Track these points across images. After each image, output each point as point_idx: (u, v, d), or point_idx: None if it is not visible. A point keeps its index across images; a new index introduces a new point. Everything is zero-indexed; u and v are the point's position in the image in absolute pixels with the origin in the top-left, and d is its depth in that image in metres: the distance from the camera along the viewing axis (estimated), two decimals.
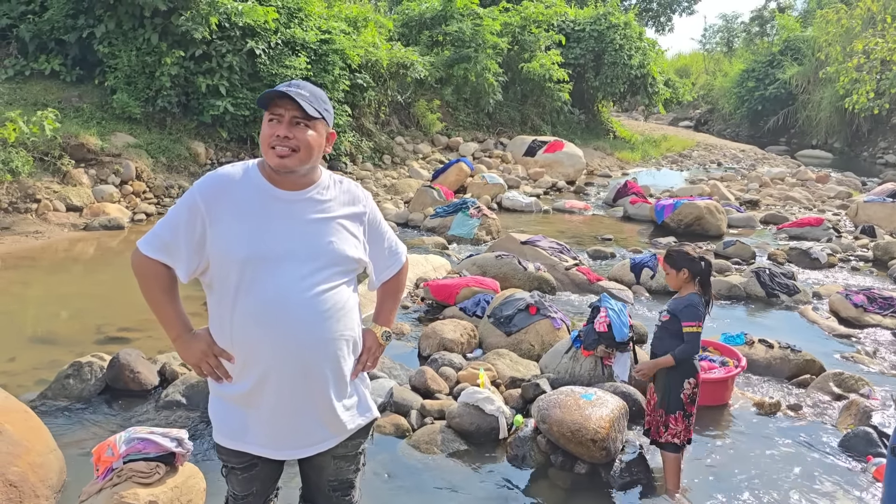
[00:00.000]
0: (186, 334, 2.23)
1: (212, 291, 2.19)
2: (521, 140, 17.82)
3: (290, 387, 2.15)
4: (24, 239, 8.74)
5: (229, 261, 2.09)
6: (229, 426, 2.24)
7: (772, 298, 7.39)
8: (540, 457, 4.07)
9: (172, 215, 2.16)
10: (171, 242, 2.13)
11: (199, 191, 2.13)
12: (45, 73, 11.82)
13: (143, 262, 2.17)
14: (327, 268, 2.17)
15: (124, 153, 10.88)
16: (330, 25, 14.14)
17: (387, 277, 2.50)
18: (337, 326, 2.19)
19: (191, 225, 2.11)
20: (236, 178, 2.16)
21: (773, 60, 32.22)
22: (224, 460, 2.31)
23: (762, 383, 5.33)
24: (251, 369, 2.15)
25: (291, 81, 2.15)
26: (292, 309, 2.11)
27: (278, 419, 2.19)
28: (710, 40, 51.50)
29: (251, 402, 2.18)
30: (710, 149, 25.55)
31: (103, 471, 3.07)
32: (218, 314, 2.18)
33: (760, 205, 13.85)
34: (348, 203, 2.27)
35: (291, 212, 2.15)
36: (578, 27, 22.96)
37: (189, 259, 2.13)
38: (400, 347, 5.82)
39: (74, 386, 4.69)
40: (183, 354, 2.26)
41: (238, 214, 2.11)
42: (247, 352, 2.15)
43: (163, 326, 2.26)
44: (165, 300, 2.21)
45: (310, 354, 2.15)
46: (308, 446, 2.26)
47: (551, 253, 7.97)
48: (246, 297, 2.10)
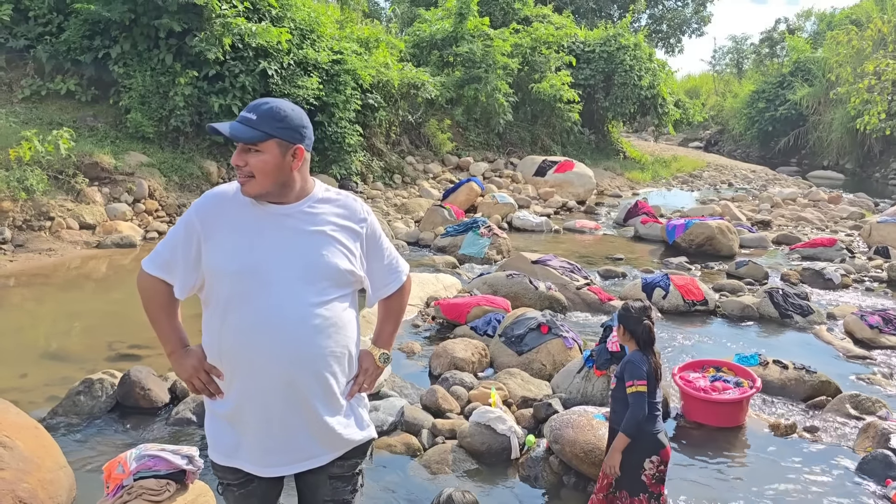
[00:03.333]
0: (180, 350, 2.26)
1: (207, 307, 2.21)
2: (531, 160, 17.86)
3: (277, 401, 2.13)
4: (37, 256, 8.79)
5: (221, 274, 2.12)
6: (222, 443, 2.23)
7: (785, 319, 7.32)
8: (552, 477, 4.03)
9: (171, 234, 2.22)
10: (171, 260, 2.19)
11: (195, 209, 2.19)
12: (61, 93, 11.96)
13: (145, 279, 2.24)
14: (318, 281, 2.15)
15: (137, 172, 10.97)
16: (342, 46, 14.27)
17: (385, 294, 2.44)
18: (327, 342, 2.15)
19: (187, 242, 2.16)
20: (230, 195, 2.19)
21: (784, 81, 32.28)
22: (220, 477, 2.30)
23: (777, 405, 5.27)
24: (239, 384, 2.14)
25: (252, 103, 2.15)
26: (281, 322, 2.09)
27: (266, 434, 2.16)
28: (719, 61, 51.79)
29: (239, 417, 2.17)
30: (720, 169, 25.51)
31: (114, 488, 3.05)
32: (209, 328, 2.19)
33: (772, 225, 13.79)
34: (344, 217, 2.25)
35: (283, 225, 2.15)
36: (588, 48, 23.09)
37: (185, 275, 2.17)
38: (411, 366, 5.79)
39: (85, 403, 4.69)
40: (176, 369, 2.28)
41: (231, 229, 2.14)
42: (233, 366, 2.14)
43: (160, 341, 2.30)
44: (163, 316, 2.27)
45: (296, 369, 2.12)
46: (298, 461, 2.22)
47: (562, 272, 7.95)
48: (235, 310, 2.10)
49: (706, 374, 5.13)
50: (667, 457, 3.27)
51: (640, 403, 3.18)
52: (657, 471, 3.25)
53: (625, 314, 3.39)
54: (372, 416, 4.41)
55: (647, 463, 3.23)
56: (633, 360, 3.27)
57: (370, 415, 4.40)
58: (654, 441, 3.24)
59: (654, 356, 3.33)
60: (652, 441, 3.24)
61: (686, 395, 4.92)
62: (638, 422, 3.19)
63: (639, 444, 3.23)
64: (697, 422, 4.85)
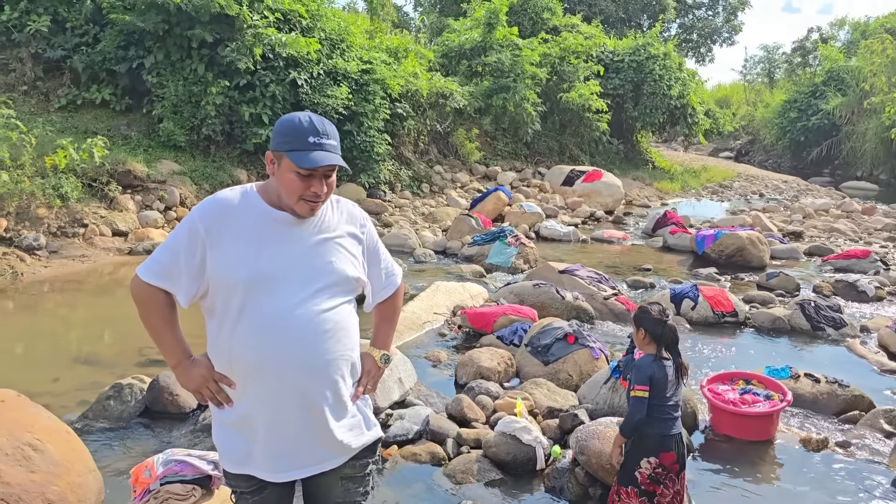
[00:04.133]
0: (186, 361, 2.22)
1: (211, 315, 2.18)
2: (559, 170, 17.81)
3: (289, 407, 2.13)
4: (71, 262, 8.96)
5: (230, 283, 2.08)
6: (233, 451, 2.22)
7: (817, 332, 7.18)
8: (578, 489, 3.99)
9: (172, 241, 2.14)
10: (172, 268, 2.11)
11: (198, 215, 2.12)
12: (96, 102, 12.21)
13: (143, 289, 2.16)
14: (328, 288, 2.17)
15: (169, 180, 11.15)
16: (371, 56, 14.39)
17: (382, 298, 2.49)
18: (337, 347, 2.18)
19: (191, 250, 2.10)
20: (235, 202, 2.15)
21: (816, 91, 31.81)
22: (233, 486, 2.29)
23: (808, 419, 5.16)
24: (249, 392, 2.14)
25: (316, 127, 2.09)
26: (292, 329, 2.10)
27: (277, 440, 2.16)
28: (750, 71, 51.22)
29: (250, 424, 2.17)
30: (751, 180, 25.20)
31: (141, 492, 3.09)
32: (217, 337, 2.16)
33: (804, 236, 13.56)
34: (347, 223, 2.29)
35: (291, 234, 2.15)
36: (617, 58, 22.99)
37: (190, 284, 2.11)
38: (436, 375, 5.79)
39: (115, 407, 4.75)
40: (183, 381, 2.24)
41: (238, 237, 2.10)
42: (244, 374, 2.13)
43: (162, 353, 2.25)
44: (165, 327, 2.21)
45: (309, 375, 2.14)
46: (308, 466, 2.22)
47: (589, 282, 7.89)
48: (246, 319, 2.09)
49: (735, 387, 5.04)
50: (667, 460, 3.27)
51: (638, 407, 3.23)
52: (653, 472, 3.27)
53: (644, 316, 3.37)
54: (397, 425, 4.43)
55: (644, 462, 3.29)
56: (640, 365, 3.31)
57: (396, 423, 4.43)
58: (657, 443, 3.27)
59: (679, 356, 3.35)
60: (654, 442, 3.28)
61: (715, 407, 4.84)
62: (633, 425, 3.27)
63: (640, 442, 3.30)
64: (726, 435, 4.77)
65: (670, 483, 3.32)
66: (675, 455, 3.30)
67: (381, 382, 4.79)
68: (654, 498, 3.31)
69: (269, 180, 2.20)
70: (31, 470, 3.27)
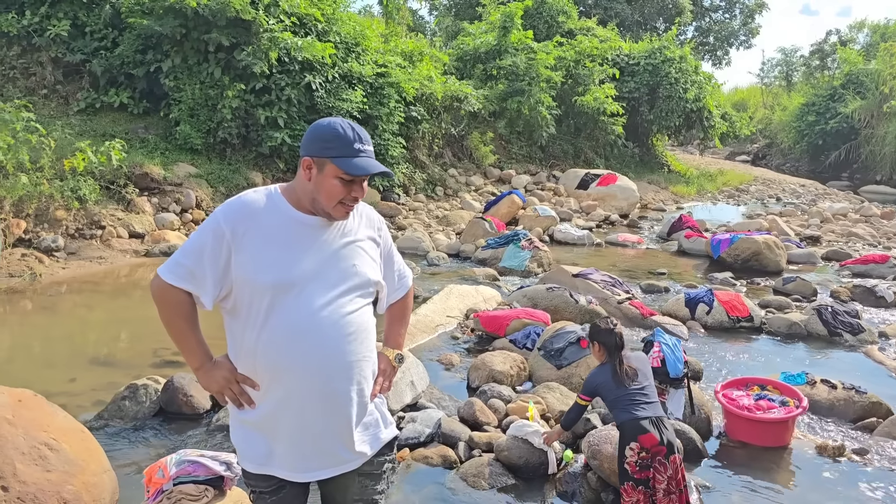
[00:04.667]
0: (208, 363, 2.22)
1: (235, 317, 2.18)
2: (573, 173, 17.76)
3: (315, 408, 2.15)
4: (88, 264, 9.05)
5: (257, 286, 2.09)
6: (254, 451, 2.22)
7: (834, 337, 7.11)
8: (590, 494, 3.97)
9: (196, 242, 2.12)
10: (196, 269, 2.10)
11: (223, 216, 2.12)
12: (115, 105, 12.35)
13: (166, 291, 2.14)
14: (351, 291, 2.20)
15: (185, 182, 11.24)
16: (386, 59, 14.45)
17: (395, 300, 2.54)
18: (360, 348, 2.21)
19: (216, 251, 2.09)
20: (261, 204, 2.16)
21: (835, 94, 31.50)
22: (252, 486, 2.29)
23: (824, 425, 5.11)
24: (274, 392, 2.15)
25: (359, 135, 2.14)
26: (320, 332, 2.12)
27: (301, 441, 2.18)
28: (768, 74, 50.79)
29: (273, 424, 2.18)
30: (768, 183, 25.00)
31: (154, 492, 3.11)
32: (241, 339, 2.17)
33: (822, 241, 13.43)
34: (367, 227, 2.32)
35: (317, 237, 2.17)
36: (633, 61, 22.92)
37: (214, 286, 2.11)
38: (449, 378, 5.79)
39: (130, 408, 4.80)
40: (205, 383, 2.24)
41: (265, 240, 2.11)
42: (271, 375, 2.14)
43: (184, 356, 2.25)
44: (188, 329, 2.20)
45: (335, 376, 2.16)
46: (331, 467, 2.24)
47: (603, 286, 7.86)
48: (273, 321, 2.10)
49: (750, 392, 5.00)
50: (648, 443, 3.44)
51: (574, 411, 3.85)
52: (639, 457, 3.44)
53: (596, 331, 3.83)
54: (409, 428, 4.44)
55: (628, 451, 3.47)
56: (589, 377, 3.84)
57: (408, 426, 4.43)
58: (632, 428, 3.49)
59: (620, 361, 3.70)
60: (629, 428, 3.51)
61: (729, 413, 4.80)
62: (566, 426, 3.92)
63: (621, 435, 3.57)
64: (741, 441, 4.74)
65: (661, 468, 3.43)
66: (657, 437, 3.46)
67: (394, 385, 4.80)
68: (650, 483, 3.44)
69: (294, 183, 2.20)
70: (46, 469, 3.31)
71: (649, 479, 3.45)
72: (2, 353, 6.26)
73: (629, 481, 3.48)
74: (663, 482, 3.43)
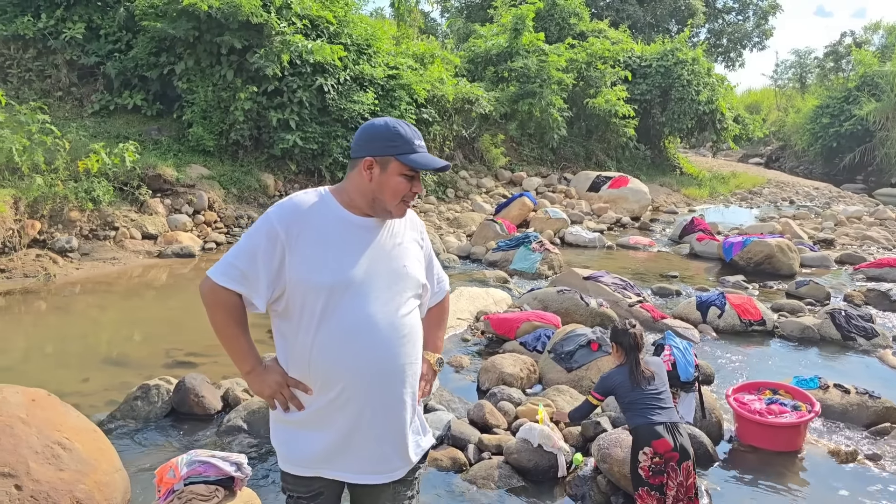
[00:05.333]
0: (259, 367, 2.20)
1: (286, 319, 2.16)
2: (585, 175, 17.72)
3: (371, 411, 2.15)
4: (101, 264, 9.12)
5: (312, 288, 2.08)
6: (299, 453, 2.21)
7: (848, 341, 7.06)
8: (600, 497, 3.96)
9: (248, 244, 2.11)
10: (249, 271, 2.08)
11: (277, 218, 2.11)
12: (128, 107, 12.45)
13: (218, 293, 2.11)
14: (403, 292, 2.22)
15: (198, 184, 11.30)
16: (398, 62, 14.48)
17: (434, 303, 2.54)
18: (413, 351, 2.23)
19: (269, 253, 2.08)
20: (314, 206, 2.16)
21: (849, 96, 31.24)
22: (290, 490, 2.28)
23: (837, 430, 5.07)
24: (327, 394, 2.14)
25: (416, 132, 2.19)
26: (377, 333, 2.13)
27: (358, 444, 2.17)
28: (781, 76, 50.42)
29: (325, 426, 2.16)
30: (781, 186, 24.85)
31: (165, 492, 3.13)
32: (294, 341, 2.16)
33: (836, 244, 13.33)
34: (411, 228, 2.33)
35: (371, 238, 2.18)
36: (645, 63, 22.84)
37: (268, 287, 2.10)
38: (459, 380, 5.79)
39: (142, 408, 4.83)
40: (257, 388, 2.21)
41: (319, 242, 2.11)
42: (325, 377, 2.13)
43: (234, 360, 2.22)
44: (240, 332, 2.18)
45: (391, 379, 2.17)
46: (384, 472, 2.23)
47: (614, 289, 7.84)
48: (329, 323, 2.10)
49: (762, 397, 4.97)
50: (661, 448, 3.44)
51: (584, 409, 3.98)
52: (652, 462, 3.44)
53: (614, 330, 3.94)
54: None
55: (641, 455, 3.47)
56: (605, 377, 3.87)
57: None
58: (646, 433, 3.49)
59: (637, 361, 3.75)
60: (643, 433, 3.50)
61: (741, 417, 4.78)
62: (573, 418, 4.07)
63: (634, 440, 3.56)
64: (752, 445, 4.71)
65: (673, 473, 3.43)
66: (670, 443, 3.45)
67: None
68: (664, 489, 3.42)
69: (347, 185, 2.21)
70: (59, 468, 3.34)
71: (663, 485, 3.44)
72: (16, 353, 6.32)
73: (644, 486, 3.48)
74: (673, 489, 3.42)
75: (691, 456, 3.54)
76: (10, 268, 8.35)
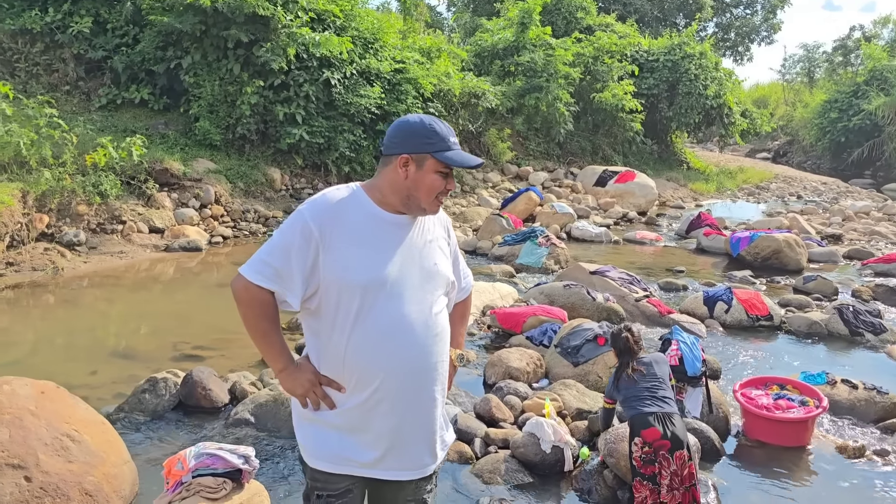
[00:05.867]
0: (292, 365, 2.18)
1: (319, 317, 2.14)
2: (591, 170, 17.68)
3: (406, 409, 2.15)
4: (109, 258, 9.15)
5: (348, 286, 2.06)
6: (330, 451, 2.18)
7: (855, 337, 7.03)
8: (606, 491, 3.96)
9: (281, 241, 2.08)
10: (283, 269, 2.06)
11: (311, 216, 2.08)
12: (135, 101, 12.46)
13: (252, 291, 2.08)
14: (435, 290, 2.21)
15: (205, 178, 11.32)
16: (404, 56, 14.45)
17: (459, 300, 2.52)
18: (444, 349, 2.23)
19: (304, 250, 2.05)
20: (346, 203, 2.14)
21: (858, 91, 31.05)
22: (320, 488, 2.23)
23: (845, 426, 5.05)
24: (361, 392, 2.13)
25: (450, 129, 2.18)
26: (410, 333, 2.12)
27: (393, 441, 2.17)
28: (790, 70, 50.12)
29: (359, 424, 2.15)
30: (789, 181, 24.75)
31: (173, 484, 3.14)
32: (328, 339, 2.14)
33: (844, 239, 13.27)
34: (439, 226, 2.32)
35: (401, 236, 2.17)
36: (652, 57, 22.73)
37: (302, 285, 2.07)
38: (465, 374, 5.79)
39: (150, 401, 4.85)
40: (289, 386, 2.19)
41: (354, 239, 2.09)
42: (360, 375, 2.12)
43: (267, 357, 2.21)
44: (272, 331, 2.16)
45: (426, 377, 2.17)
46: (414, 469, 2.24)
47: (621, 284, 7.83)
48: (364, 322, 2.08)
49: (769, 392, 4.96)
50: (650, 437, 3.50)
51: (603, 416, 4.12)
52: (643, 452, 3.50)
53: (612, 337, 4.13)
54: None
55: (633, 445, 3.56)
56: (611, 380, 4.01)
57: None
58: (636, 423, 3.59)
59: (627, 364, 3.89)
60: (634, 424, 3.60)
61: (748, 412, 4.77)
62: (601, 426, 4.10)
63: (629, 432, 3.65)
64: (759, 440, 4.70)
65: (665, 462, 3.45)
66: (659, 431, 3.50)
67: None
68: (657, 479, 3.48)
69: (380, 182, 2.18)
70: (68, 460, 3.36)
71: (656, 475, 3.47)
72: (25, 346, 6.35)
73: (637, 477, 3.56)
74: (666, 477, 3.44)
75: (685, 445, 3.54)
76: (19, 261, 8.39)
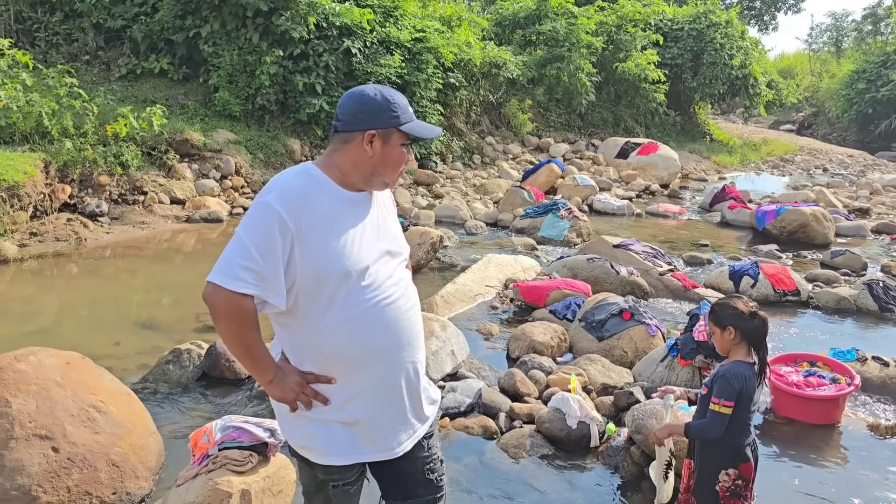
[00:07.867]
0: (279, 372, 2.07)
1: (294, 312, 2.03)
2: (613, 142, 17.44)
3: (401, 384, 2.16)
4: (131, 229, 9.17)
5: (329, 276, 1.99)
6: (340, 444, 2.13)
7: (885, 313, 6.90)
8: (633, 468, 3.92)
9: (256, 240, 1.92)
10: (265, 270, 1.91)
11: (283, 207, 1.94)
12: (155, 71, 12.40)
13: (234, 302, 1.92)
14: (403, 261, 2.24)
15: (225, 149, 11.28)
16: (424, 24, 14.24)
17: None
18: (420, 319, 2.26)
19: (283, 246, 1.93)
20: (311, 188, 2.03)
21: (887, 61, 30.31)
22: (334, 480, 2.18)
23: (876, 404, 4.96)
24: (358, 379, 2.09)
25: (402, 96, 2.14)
26: (394, 311, 2.12)
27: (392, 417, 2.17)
28: (816, 40, 49.14)
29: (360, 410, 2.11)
30: (814, 153, 24.31)
31: (199, 456, 3.13)
32: (305, 332, 2.06)
33: (871, 213, 13.03)
34: (388, 198, 2.31)
35: (366, 213, 2.14)
36: (677, 26, 22.27)
37: (284, 283, 1.96)
38: (488, 348, 5.75)
39: (174, 372, 4.86)
40: (279, 395, 2.08)
41: (327, 227, 2.01)
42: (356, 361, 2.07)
43: (254, 370, 2.07)
44: (257, 339, 2.02)
45: (413, 348, 2.19)
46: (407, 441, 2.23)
47: (644, 257, 7.72)
48: (350, 307, 2.03)
49: (799, 369, 4.87)
50: (747, 472, 2.96)
51: (718, 424, 2.89)
52: (733, 484, 2.95)
53: (731, 312, 2.94)
54: (449, 398, 4.43)
55: (723, 475, 2.96)
56: (728, 376, 2.89)
57: (449, 395, 4.43)
58: (735, 453, 2.95)
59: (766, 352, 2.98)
60: (732, 453, 2.95)
61: (777, 389, 4.69)
62: (707, 437, 2.95)
63: (718, 452, 2.97)
64: (788, 417, 4.63)
65: (749, 495, 3.03)
66: (754, 466, 3.01)
67: (434, 354, 4.79)
68: None
69: (339, 159, 2.08)
70: (95, 431, 3.36)
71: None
72: (50, 316, 6.39)
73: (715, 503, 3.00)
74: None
75: None
76: (42, 231, 8.42)
